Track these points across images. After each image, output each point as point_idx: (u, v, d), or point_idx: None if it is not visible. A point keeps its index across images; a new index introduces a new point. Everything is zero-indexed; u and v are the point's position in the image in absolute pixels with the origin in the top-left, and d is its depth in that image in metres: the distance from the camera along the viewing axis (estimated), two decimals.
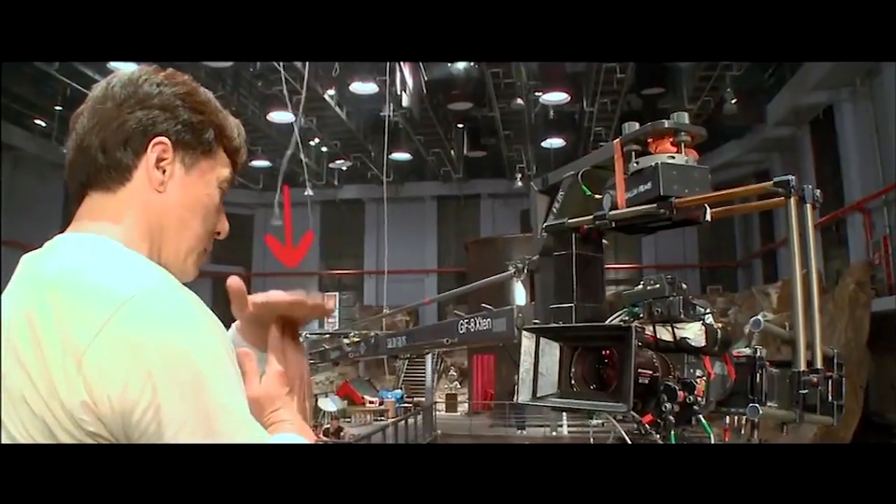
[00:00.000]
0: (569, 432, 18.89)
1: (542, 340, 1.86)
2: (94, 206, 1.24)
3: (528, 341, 1.87)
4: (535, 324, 2.20)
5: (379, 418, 21.75)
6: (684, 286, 1.89)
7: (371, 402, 23.43)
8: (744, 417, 1.98)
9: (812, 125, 20.92)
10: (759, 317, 1.83)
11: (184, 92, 1.29)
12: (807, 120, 20.90)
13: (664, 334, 1.86)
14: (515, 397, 1.90)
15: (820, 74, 18.10)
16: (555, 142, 24.99)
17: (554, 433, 19.19)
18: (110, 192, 1.24)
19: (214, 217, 1.34)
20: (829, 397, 1.97)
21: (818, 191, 1.88)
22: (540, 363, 1.85)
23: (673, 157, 2.01)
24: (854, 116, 18.37)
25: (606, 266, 2.40)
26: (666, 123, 2.04)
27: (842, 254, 19.31)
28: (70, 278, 1.07)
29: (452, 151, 28.17)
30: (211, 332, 1.10)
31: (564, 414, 15.70)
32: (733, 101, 21.33)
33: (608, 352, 1.80)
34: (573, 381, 1.85)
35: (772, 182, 1.83)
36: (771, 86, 21.85)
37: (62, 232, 1.24)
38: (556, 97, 22.20)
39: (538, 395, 1.85)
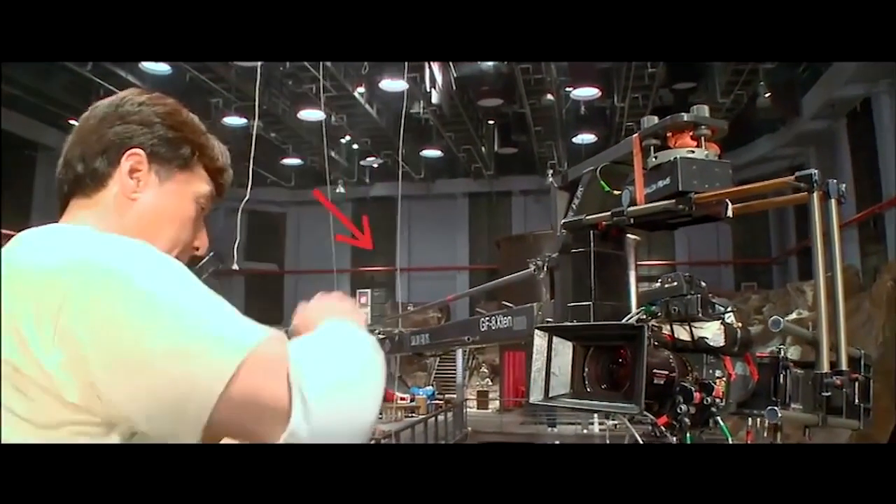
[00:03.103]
0: (600, 430, 18.77)
1: (555, 339, 1.82)
2: (73, 210, 1.32)
3: (540, 340, 1.83)
4: (547, 322, 2.16)
5: (410, 415, 21.76)
6: (703, 284, 1.84)
7: (402, 399, 23.44)
8: (773, 421, 1.92)
9: (849, 118, 20.59)
10: (779, 316, 1.77)
11: (164, 111, 1.36)
12: (843, 113, 20.57)
13: (682, 334, 1.81)
14: (527, 397, 1.86)
15: (856, 66, 17.80)
16: (586, 137, 24.86)
17: (585, 431, 19.09)
18: (88, 198, 1.31)
19: (189, 230, 1.39)
20: (856, 400, 1.91)
21: (843, 185, 1.82)
22: (552, 362, 1.81)
23: (693, 152, 1.96)
24: (892, 109, 18.05)
25: (640, 263, 2.36)
26: (685, 117, 1.99)
27: (880, 250, 18.97)
28: (46, 259, 1.08)
29: (483, 148, 28.13)
30: (155, 261, 1.12)
31: (609, 418, 15.63)
32: (767, 95, 21.06)
33: (623, 351, 1.76)
34: (586, 381, 1.80)
35: (794, 176, 1.77)
36: (806, 79, 21.53)
37: None
38: (587, 92, 22.07)
39: (550, 394, 1.81)
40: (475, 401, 25.95)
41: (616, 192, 2.19)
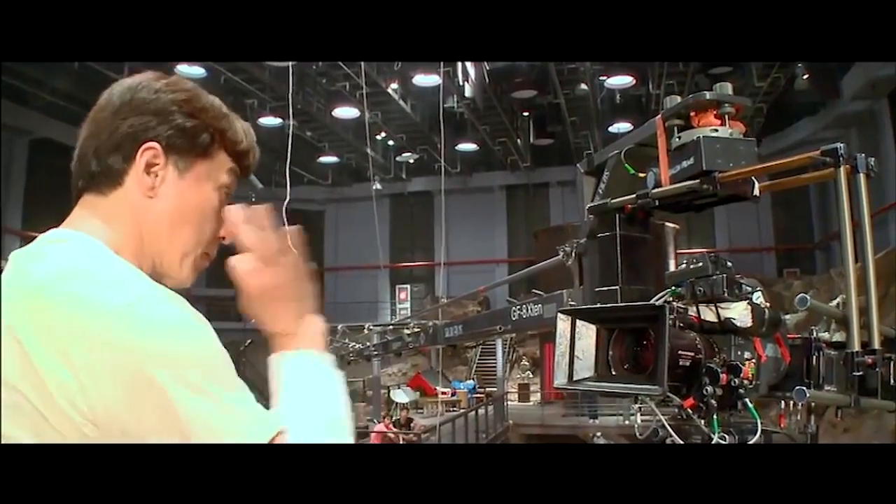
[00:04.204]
0: (642, 421, 18.60)
1: (579, 323, 1.80)
2: (87, 206, 1.25)
3: (562, 324, 1.81)
4: (571, 306, 2.14)
5: (451, 409, 21.78)
6: (729, 264, 1.81)
7: (443, 393, 23.46)
8: (801, 402, 1.88)
9: (890, 98, 20.14)
10: (807, 294, 1.74)
11: (181, 98, 1.27)
12: (885, 92, 20.13)
13: (708, 315, 1.78)
14: (554, 381, 1.85)
15: None
16: (622, 126, 24.59)
17: (626, 422, 18.94)
18: (102, 196, 1.24)
19: (213, 221, 1.32)
20: (892, 380, 1.86)
21: (873, 159, 1.78)
22: (576, 346, 1.79)
23: (716, 131, 1.93)
24: None
25: (679, 251, 2.34)
26: (707, 95, 1.96)
27: None
28: (57, 286, 1.06)
29: (519, 140, 28.04)
30: (200, 336, 1.08)
31: (637, 402, 15.48)
32: (805, 77, 20.69)
33: (647, 333, 1.73)
34: (611, 364, 1.78)
35: (819, 151, 1.74)
36: None
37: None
38: (622, 81, 21.92)
39: (574, 378, 1.79)
40: (516, 394, 25.89)
41: (641, 175, 2.17)
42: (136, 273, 1.14)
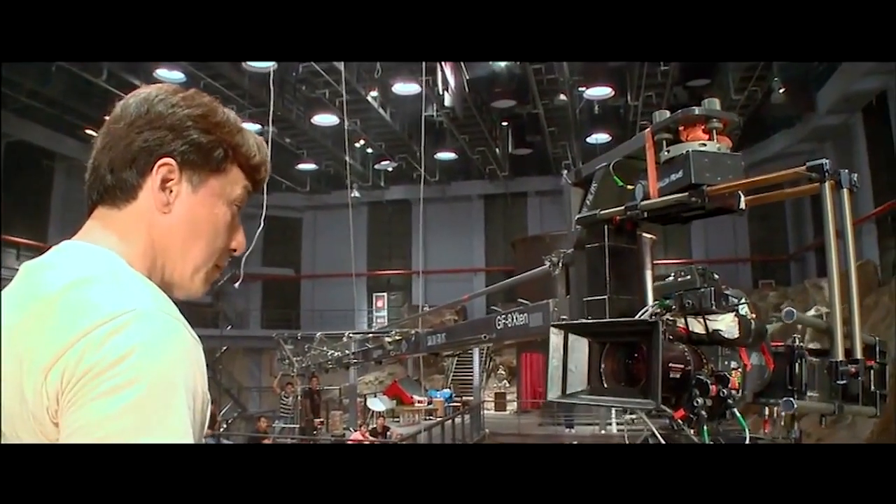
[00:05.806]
0: (618, 430, 18.67)
1: (571, 336, 1.82)
2: (101, 219, 1.25)
3: (556, 338, 1.83)
4: (562, 320, 2.17)
5: (428, 418, 21.74)
6: (716, 277, 1.85)
7: (420, 402, 23.42)
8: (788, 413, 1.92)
9: (864, 112, 20.42)
10: (791, 308, 1.78)
11: (198, 114, 1.27)
12: (859, 107, 20.40)
13: (696, 327, 1.82)
14: (546, 395, 1.87)
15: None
16: (600, 137, 24.79)
17: (603, 431, 19.00)
18: (117, 209, 1.24)
19: (225, 234, 1.32)
20: (872, 387, 1.91)
21: (855, 175, 1.83)
22: (569, 359, 1.82)
23: (704, 145, 1.97)
24: None
25: (656, 262, 2.37)
26: (696, 110, 2.00)
27: None
28: (70, 294, 1.08)
29: (497, 149, 28.11)
30: (181, 367, 1.07)
31: (613, 411, 15.53)
32: (781, 90, 20.94)
33: (639, 347, 1.76)
34: (603, 377, 1.81)
35: (804, 166, 1.78)
36: (821, 73, 21.39)
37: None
38: (600, 92, 22.06)
39: (568, 392, 1.81)
40: (493, 403, 25.88)
41: (629, 187, 2.21)
42: (149, 287, 1.16)
